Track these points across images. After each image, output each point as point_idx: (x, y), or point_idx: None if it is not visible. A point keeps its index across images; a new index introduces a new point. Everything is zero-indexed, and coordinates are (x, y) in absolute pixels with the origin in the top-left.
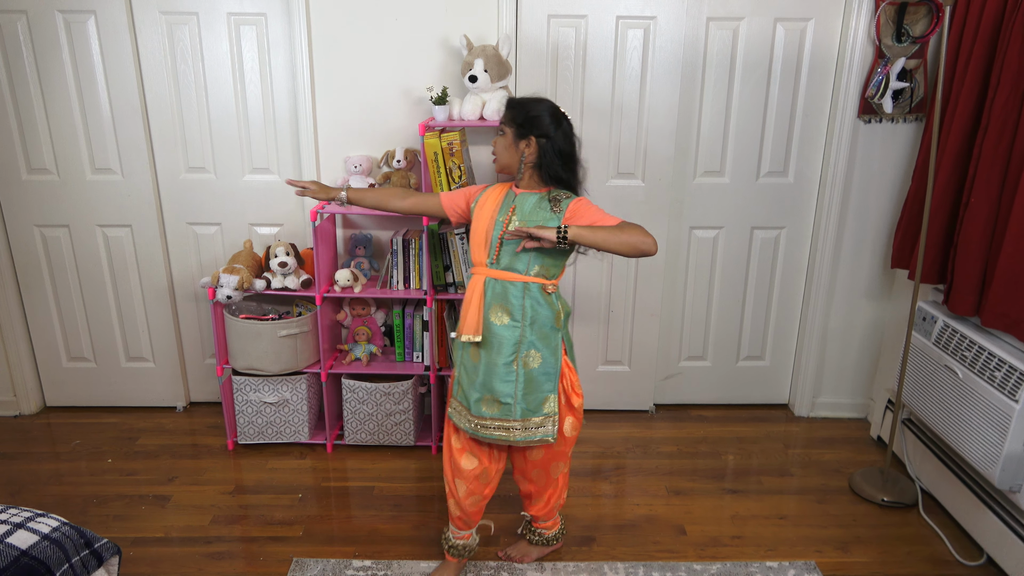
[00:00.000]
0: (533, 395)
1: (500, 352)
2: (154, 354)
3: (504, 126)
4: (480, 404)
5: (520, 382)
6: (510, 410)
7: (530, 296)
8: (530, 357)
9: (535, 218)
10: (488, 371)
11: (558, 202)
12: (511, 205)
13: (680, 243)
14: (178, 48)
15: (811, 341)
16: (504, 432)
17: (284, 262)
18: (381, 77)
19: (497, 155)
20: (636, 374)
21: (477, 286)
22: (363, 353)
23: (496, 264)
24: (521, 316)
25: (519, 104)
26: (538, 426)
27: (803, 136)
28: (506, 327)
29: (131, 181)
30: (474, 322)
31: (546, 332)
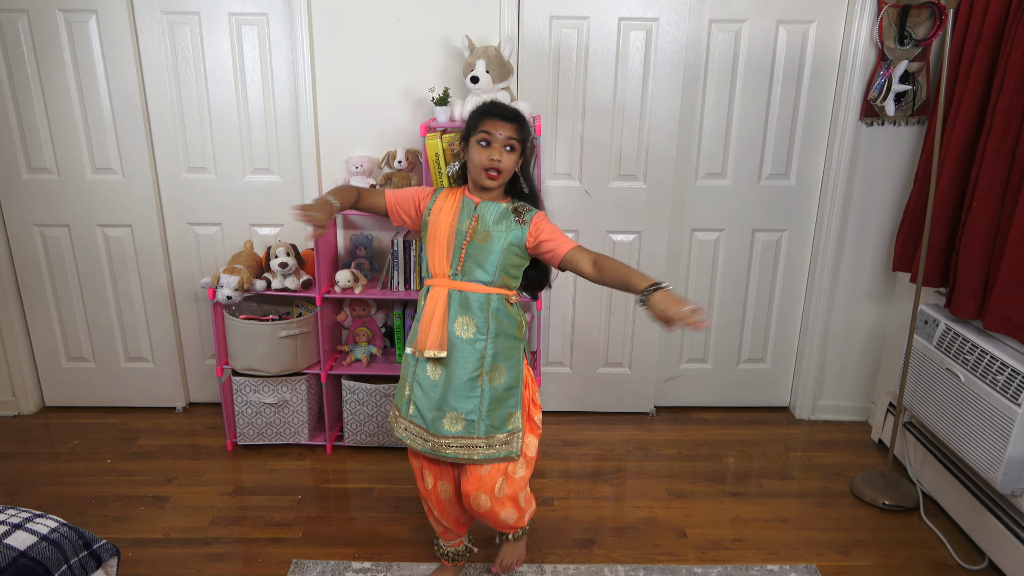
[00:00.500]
0: (498, 411)
1: (464, 367)
2: (154, 354)
3: (516, 143)
4: (441, 422)
5: (485, 398)
6: (474, 427)
7: (494, 307)
8: (495, 371)
9: (499, 228)
10: (450, 387)
11: (521, 215)
12: (473, 214)
13: (681, 245)
14: (179, 48)
15: (812, 344)
16: (466, 451)
17: (284, 263)
18: (383, 78)
19: (504, 173)
20: (637, 376)
21: (440, 298)
22: (363, 354)
23: (460, 275)
24: (486, 329)
25: (525, 120)
26: (503, 443)
27: (805, 139)
28: (470, 340)
29: (131, 181)
30: (437, 336)
31: (510, 344)
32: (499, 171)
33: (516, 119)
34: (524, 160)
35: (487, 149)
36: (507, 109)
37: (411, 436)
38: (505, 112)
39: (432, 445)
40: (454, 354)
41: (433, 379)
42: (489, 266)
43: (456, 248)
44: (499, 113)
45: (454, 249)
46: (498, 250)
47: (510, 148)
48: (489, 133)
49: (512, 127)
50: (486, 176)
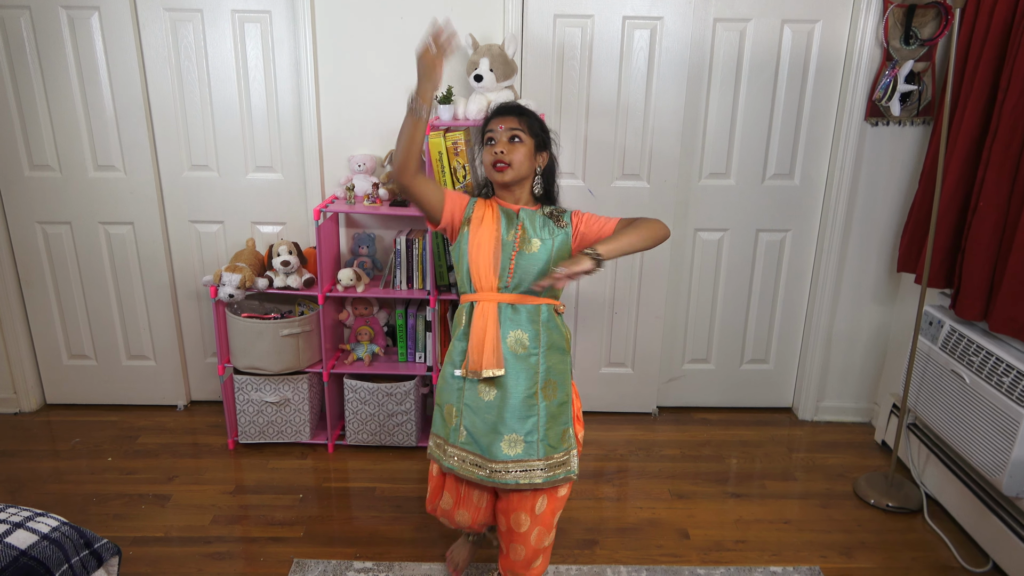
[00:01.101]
0: (554, 429)
1: (519, 385)
2: (155, 352)
3: (521, 134)
4: (498, 446)
5: (542, 417)
6: (533, 448)
7: (544, 319)
8: (549, 387)
9: (544, 235)
10: (506, 408)
11: (558, 217)
12: (517, 222)
13: (685, 245)
14: (182, 45)
15: (816, 345)
16: (527, 475)
17: (287, 261)
18: (386, 76)
19: (515, 164)
20: (639, 376)
21: (489, 313)
22: (365, 353)
23: (509, 288)
24: (538, 342)
25: (532, 114)
26: (561, 464)
27: (809, 138)
28: (524, 356)
29: (134, 178)
30: (493, 354)
31: (560, 357)
32: (506, 163)
33: (518, 112)
34: (549, 163)
35: (492, 147)
36: (508, 105)
37: (464, 465)
38: (505, 108)
39: (489, 472)
40: (508, 371)
41: (487, 400)
42: (539, 276)
43: (505, 260)
44: (500, 111)
45: (503, 261)
46: (546, 258)
47: (516, 139)
48: (493, 131)
49: (513, 119)
50: (495, 171)
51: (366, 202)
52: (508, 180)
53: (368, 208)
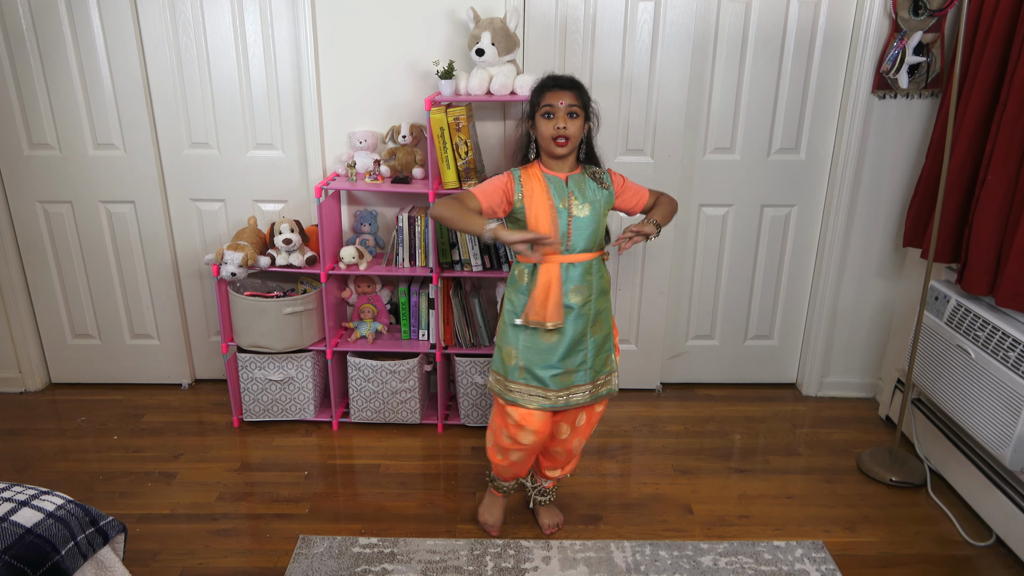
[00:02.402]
0: (600, 357)
1: (575, 328)
2: (159, 331)
3: (578, 108)
4: (557, 379)
5: (591, 349)
6: (583, 376)
7: (596, 269)
8: (597, 325)
9: (593, 198)
10: (563, 347)
11: (600, 178)
12: (567, 191)
13: (689, 221)
14: (180, 21)
15: (820, 320)
16: (581, 395)
17: (289, 239)
18: (386, 51)
19: (573, 139)
20: (643, 353)
21: (553, 273)
22: (368, 331)
23: (569, 250)
24: (591, 291)
25: (583, 86)
26: (604, 383)
27: (816, 112)
28: (580, 304)
29: (133, 156)
30: (557, 309)
31: (606, 298)
32: (567, 138)
33: (574, 86)
34: (590, 128)
35: (552, 120)
36: (564, 79)
37: (526, 397)
38: (563, 82)
39: (551, 401)
40: (567, 319)
41: (548, 343)
42: (592, 234)
43: (563, 226)
44: (558, 84)
45: (561, 227)
46: (597, 218)
47: (573, 115)
48: (551, 105)
49: (571, 94)
50: (555, 145)
51: (368, 179)
52: (566, 153)
53: (370, 185)
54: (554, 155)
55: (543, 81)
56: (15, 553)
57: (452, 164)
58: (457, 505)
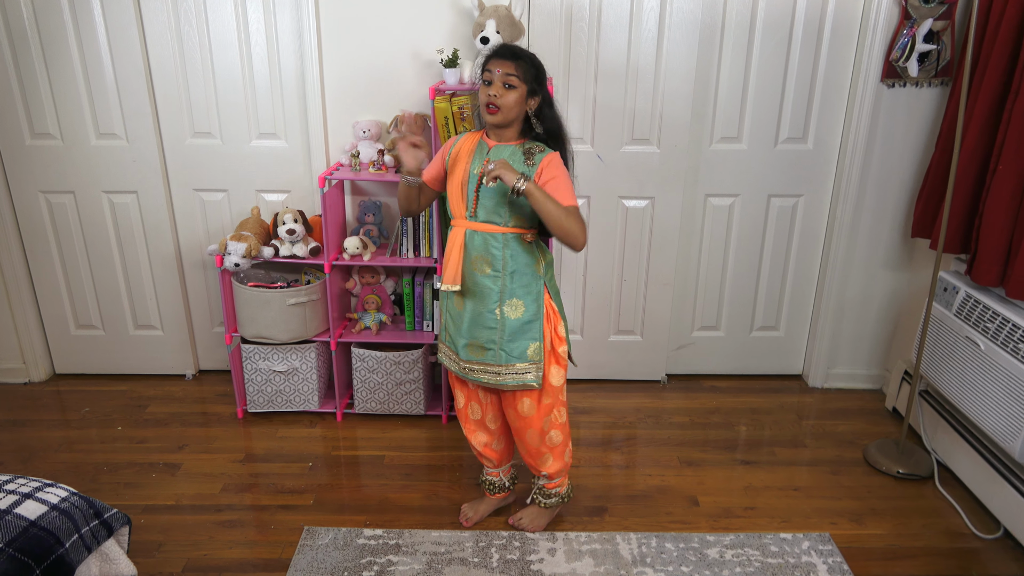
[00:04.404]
0: (517, 343)
1: (483, 301)
2: (162, 322)
3: (515, 80)
4: (467, 349)
5: (504, 330)
6: (494, 355)
7: (509, 247)
8: (511, 306)
9: None
10: (472, 319)
11: (532, 155)
12: (485, 158)
13: (695, 211)
14: (182, 9)
15: (827, 311)
16: (491, 376)
17: (292, 229)
18: (390, 39)
19: (504, 109)
20: (648, 344)
21: (457, 238)
22: (372, 322)
23: (475, 217)
24: (502, 267)
25: (531, 59)
26: (522, 372)
27: (824, 101)
28: (487, 277)
29: (136, 146)
30: (453, 272)
31: (527, 281)
32: (497, 107)
33: (515, 56)
34: (541, 104)
35: (487, 87)
36: (508, 48)
37: (445, 358)
38: (504, 51)
39: (462, 368)
40: (475, 290)
41: (458, 310)
42: (499, 208)
43: (469, 192)
44: (499, 53)
45: (467, 193)
46: (504, 192)
47: (509, 86)
48: (490, 71)
49: (510, 64)
50: (487, 112)
51: (371, 169)
52: (497, 122)
53: (374, 175)
54: (486, 122)
55: (491, 50)
56: (19, 546)
57: None
58: (462, 496)
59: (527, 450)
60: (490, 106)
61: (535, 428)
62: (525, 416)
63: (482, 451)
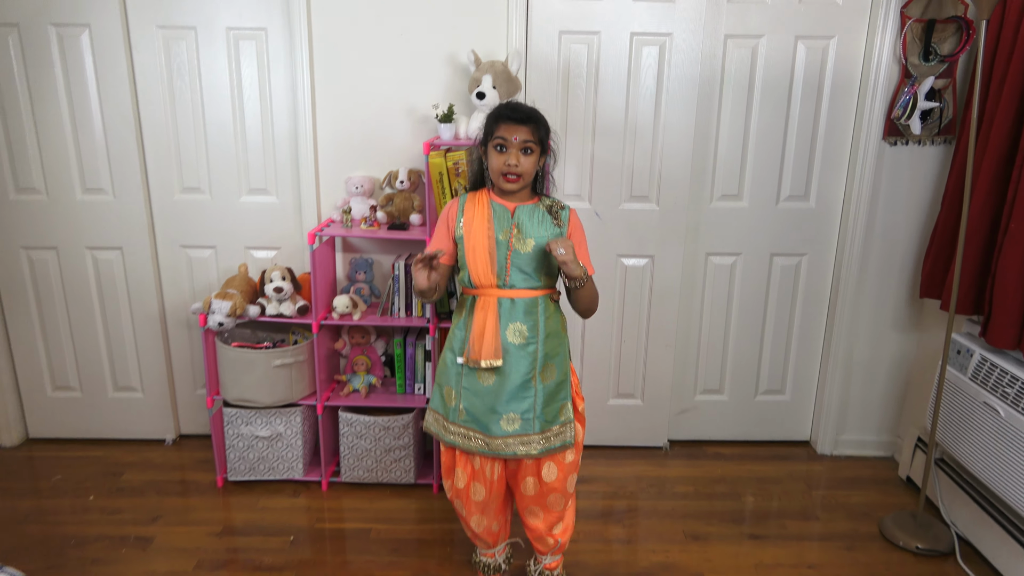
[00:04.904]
0: (551, 406)
1: (517, 371)
2: (143, 384)
3: (533, 145)
4: (497, 424)
5: (539, 397)
6: (530, 424)
7: (546, 310)
8: (547, 371)
9: (540, 232)
10: (504, 391)
11: (556, 213)
12: (511, 223)
13: (696, 270)
14: (175, 63)
15: (834, 374)
16: (525, 447)
17: (280, 287)
18: (385, 95)
19: (525, 176)
20: (649, 408)
21: (489, 307)
22: (362, 384)
23: (507, 285)
24: (536, 331)
25: (542, 118)
26: (557, 434)
27: (825, 159)
28: (523, 346)
29: (123, 201)
30: (492, 346)
31: (557, 342)
32: (518, 175)
33: (531, 119)
34: (546, 163)
35: (503, 154)
36: (521, 111)
37: (465, 439)
38: (519, 114)
39: (489, 446)
40: (507, 360)
41: (486, 385)
42: (534, 271)
43: (500, 260)
44: (514, 116)
45: (498, 261)
46: (540, 254)
47: (527, 151)
48: (504, 138)
49: (527, 129)
50: (504, 181)
51: (363, 225)
52: (516, 190)
53: (365, 232)
54: (503, 190)
55: (499, 109)
56: None
57: None
58: (454, 574)
59: (546, 521)
60: (509, 175)
61: (558, 491)
62: (548, 482)
63: (480, 533)
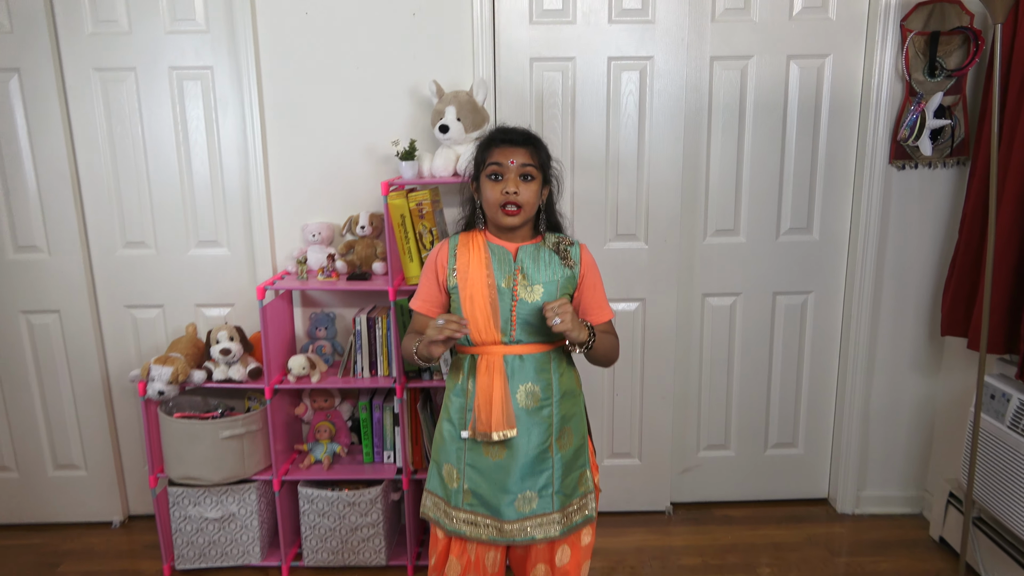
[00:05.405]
0: (570, 476)
1: (531, 441)
2: (86, 460)
3: (532, 169)
4: (511, 507)
5: (557, 468)
6: (548, 502)
7: (560, 366)
8: (564, 437)
9: (548, 277)
10: (517, 467)
11: (564, 252)
12: (514, 267)
13: (692, 313)
14: (114, 108)
15: (851, 423)
16: (542, 529)
17: (227, 349)
18: (343, 133)
19: (526, 207)
20: (648, 468)
21: (495, 368)
22: (324, 454)
23: (513, 340)
24: (551, 391)
25: (541, 142)
26: (578, 509)
27: (828, 187)
28: (536, 409)
29: (59, 260)
30: (503, 414)
31: (573, 402)
32: (518, 205)
33: (529, 141)
34: (551, 193)
35: (500, 183)
36: (517, 132)
37: (473, 527)
38: (515, 136)
39: (502, 532)
40: (519, 428)
41: (495, 461)
42: (544, 322)
43: (504, 312)
44: (508, 138)
45: (502, 313)
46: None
47: (527, 177)
48: (499, 164)
49: (525, 152)
50: (503, 214)
51: (320, 276)
52: (518, 224)
53: (322, 283)
54: (502, 225)
55: (490, 134)
56: None
57: (416, 255)
58: None
59: None
60: (508, 206)
61: (545, 560)
62: (561, 566)
63: None
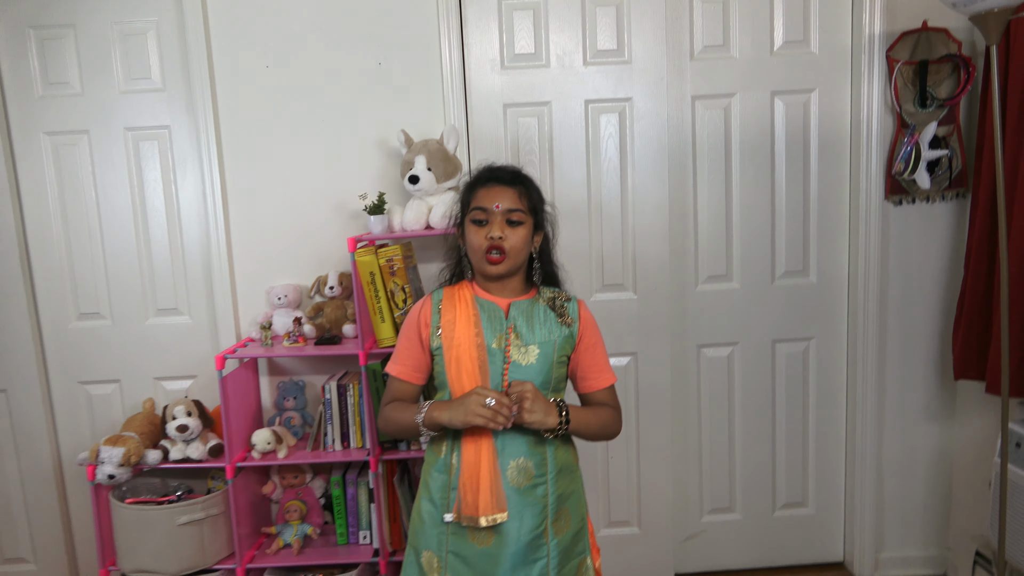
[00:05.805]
0: (569, 564)
1: (523, 524)
2: (36, 553)
3: (521, 213)
4: None
5: (553, 555)
6: None
7: (551, 439)
8: (561, 520)
9: (543, 336)
10: (506, 555)
11: (561, 308)
12: (506, 325)
13: (687, 366)
14: (66, 173)
15: (863, 478)
16: None
17: (184, 425)
18: (308, 190)
19: (512, 253)
20: (648, 536)
21: (483, 441)
22: (294, 537)
23: None
24: (546, 466)
25: (531, 182)
26: None
27: (822, 226)
28: (529, 489)
29: (6, 335)
30: (491, 495)
31: (570, 479)
32: (503, 251)
33: (517, 181)
34: (544, 241)
35: (484, 228)
36: (504, 171)
37: None
38: (502, 175)
39: None
40: (509, 511)
41: (482, 548)
42: (542, 387)
43: (495, 375)
44: (494, 176)
45: (492, 377)
46: (547, 365)
47: (514, 222)
48: (483, 209)
49: (512, 193)
50: (487, 262)
51: (286, 342)
52: (504, 272)
53: (288, 350)
54: (487, 275)
55: (477, 173)
56: None
57: (388, 316)
58: None
59: None
60: (493, 252)
61: None
62: None
63: None
